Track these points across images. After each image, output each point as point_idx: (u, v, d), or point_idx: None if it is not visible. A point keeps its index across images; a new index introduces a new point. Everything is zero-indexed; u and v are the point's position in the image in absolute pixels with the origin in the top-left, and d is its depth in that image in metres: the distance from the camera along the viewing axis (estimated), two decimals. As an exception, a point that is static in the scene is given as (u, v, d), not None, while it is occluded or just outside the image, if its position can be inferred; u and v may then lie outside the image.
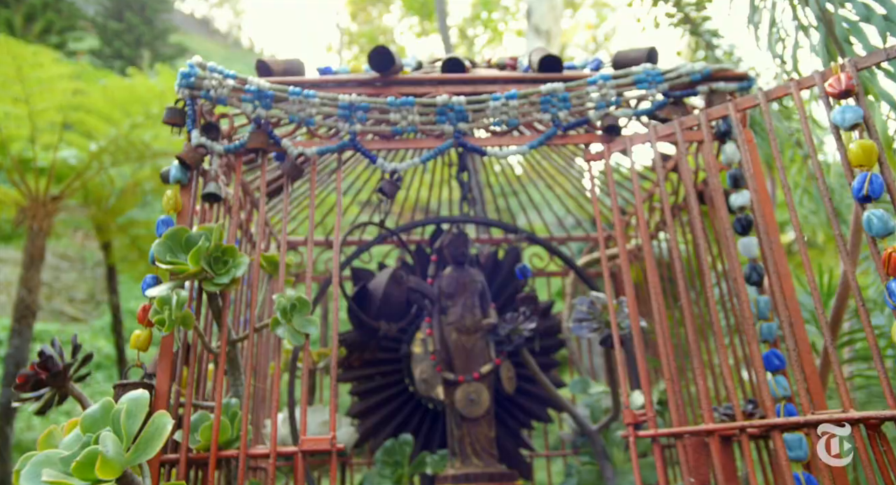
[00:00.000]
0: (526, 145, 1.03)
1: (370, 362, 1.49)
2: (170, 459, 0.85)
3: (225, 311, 0.92)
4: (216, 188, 0.98)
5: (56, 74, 5.50)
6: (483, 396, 1.32)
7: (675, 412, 0.85)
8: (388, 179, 1.01)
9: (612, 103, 1.05)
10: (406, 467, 1.36)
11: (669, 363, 0.88)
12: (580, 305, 1.15)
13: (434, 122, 1.03)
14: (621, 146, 1.01)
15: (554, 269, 1.80)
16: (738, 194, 0.98)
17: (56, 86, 5.45)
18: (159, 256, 0.89)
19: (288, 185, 1.01)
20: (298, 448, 0.85)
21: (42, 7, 12.01)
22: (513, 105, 1.03)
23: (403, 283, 1.23)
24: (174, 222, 0.96)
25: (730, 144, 1.00)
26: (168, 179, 0.98)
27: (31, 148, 5.48)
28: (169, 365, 0.89)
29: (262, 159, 1.02)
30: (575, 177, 1.80)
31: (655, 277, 0.94)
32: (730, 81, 1.05)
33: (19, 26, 11.37)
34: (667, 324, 0.92)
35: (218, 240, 0.91)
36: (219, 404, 0.87)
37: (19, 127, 5.40)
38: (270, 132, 1.01)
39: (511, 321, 1.28)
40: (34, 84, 5.39)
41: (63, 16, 12.40)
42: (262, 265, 0.98)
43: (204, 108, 1.02)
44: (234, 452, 0.86)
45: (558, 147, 1.61)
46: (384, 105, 1.02)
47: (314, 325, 0.91)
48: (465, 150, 1.03)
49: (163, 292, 0.85)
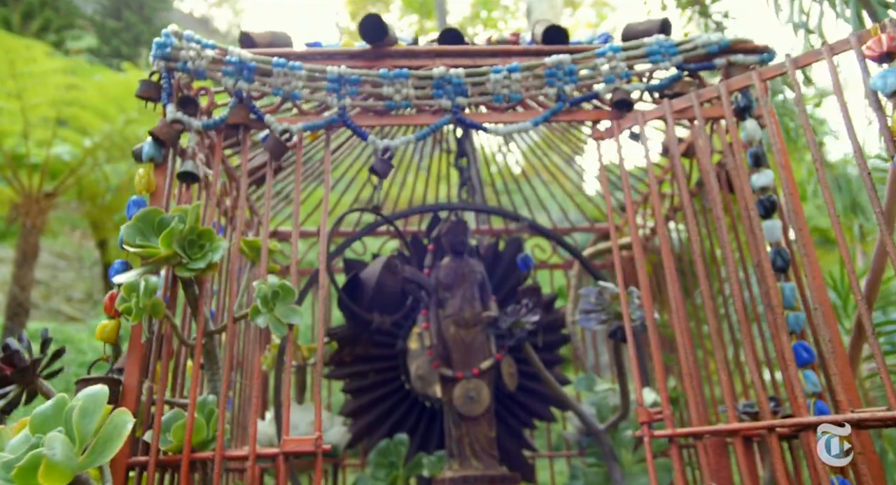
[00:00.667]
0: (529, 121, 0.95)
1: (364, 358, 1.41)
2: (139, 461, 0.77)
3: (201, 299, 0.85)
4: (193, 167, 0.90)
5: (49, 69, 5.42)
6: (483, 393, 1.24)
7: (694, 410, 0.78)
8: (380, 158, 0.94)
9: (623, 77, 0.97)
10: (401, 469, 1.28)
11: (687, 357, 0.80)
12: (587, 295, 1.07)
13: (430, 96, 0.96)
14: (632, 122, 0.94)
15: (557, 261, 1.72)
16: (759, 174, 0.91)
17: (49, 80, 5.37)
18: (128, 239, 0.81)
19: (271, 163, 0.93)
20: (280, 450, 0.78)
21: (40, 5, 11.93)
22: (515, 78, 0.96)
23: (398, 272, 1.16)
24: (147, 204, 0.88)
25: (750, 120, 0.93)
26: (141, 157, 0.90)
27: (24, 144, 5.40)
28: (138, 359, 0.81)
29: (244, 136, 0.94)
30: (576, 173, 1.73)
31: (671, 264, 0.86)
32: (749, 54, 0.97)
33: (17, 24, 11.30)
34: (684, 314, 0.84)
35: (194, 222, 0.83)
36: (193, 400, 0.79)
37: (12, 122, 5.32)
38: (253, 107, 0.93)
39: (513, 314, 1.20)
40: (27, 79, 5.31)
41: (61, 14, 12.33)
42: (242, 250, 0.90)
43: (182, 82, 0.95)
44: (210, 454, 0.78)
45: (563, 136, 1.54)
46: (376, 78, 0.95)
47: (299, 314, 0.83)
48: (464, 126, 0.95)
49: (131, 278, 0.77)
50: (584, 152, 1.62)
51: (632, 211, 0.91)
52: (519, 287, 1.31)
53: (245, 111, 0.93)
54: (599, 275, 1.34)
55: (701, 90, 0.87)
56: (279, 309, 0.82)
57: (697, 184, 1.17)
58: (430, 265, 1.33)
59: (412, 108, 0.96)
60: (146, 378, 0.85)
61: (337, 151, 1.51)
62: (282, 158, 0.94)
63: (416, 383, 1.29)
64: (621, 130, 0.94)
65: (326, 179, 0.92)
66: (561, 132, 1.53)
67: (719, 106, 0.96)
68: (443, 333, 1.26)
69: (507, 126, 0.96)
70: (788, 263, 0.85)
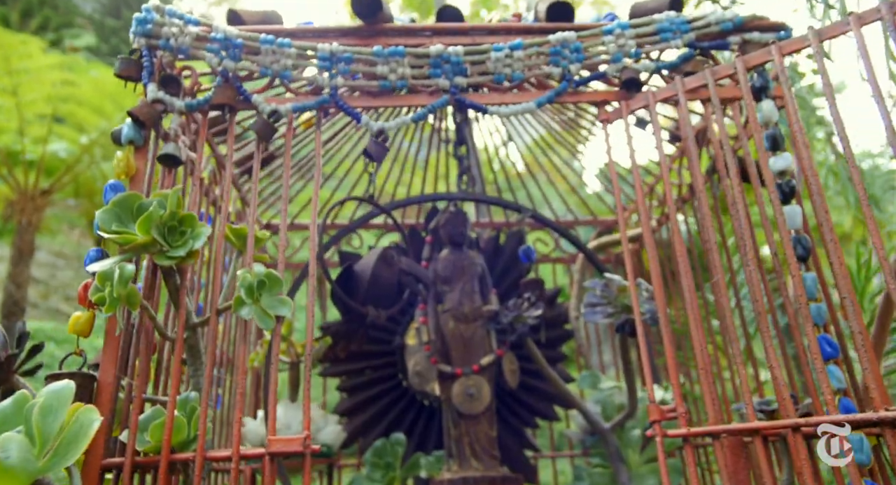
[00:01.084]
0: (533, 102, 0.90)
1: (360, 355, 1.36)
2: (114, 463, 0.72)
3: (182, 290, 0.79)
4: (175, 150, 0.85)
5: (45, 65, 5.36)
6: (483, 390, 1.18)
7: (710, 407, 0.72)
8: (374, 140, 0.88)
9: (632, 56, 0.92)
10: (398, 470, 1.23)
11: (703, 351, 0.75)
12: (593, 287, 1.02)
13: (427, 76, 0.90)
14: (642, 103, 0.88)
15: (560, 255, 1.66)
16: (777, 158, 0.85)
17: (45, 77, 5.32)
18: (104, 224, 0.75)
19: (259, 147, 0.88)
20: (266, 450, 0.72)
21: (39, 4, 11.87)
22: (518, 57, 0.90)
23: (394, 264, 1.10)
24: (125, 188, 0.83)
25: (766, 101, 0.87)
26: (120, 140, 0.85)
27: (19, 141, 5.34)
28: (115, 353, 0.76)
29: (231, 118, 0.89)
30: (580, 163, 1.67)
31: (684, 252, 0.81)
32: (765, 32, 0.92)
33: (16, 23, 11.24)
34: (697, 306, 0.79)
35: (175, 207, 0.77)
36: (173, 397, 0.74)
37: (7, 119, 5.26)
38: (240, 87, 0.88)
39: (514, 308, 1.15)
40: (22, 75, 5.25)
41: (60, 12, 12.27)
42: (228, 239, 0.85)
43: (164, 60, 0.89)
44: (191, 454, 0.73)
45: (569, 124, 1.48)
46: (370, 56, 0.89)
47: (287, 306, 0.78)
48: (464, 107, 0.90)
49: (105, 267, 0.72)
50: (588, 140, 1.57)
51: (641, 196, 0.85)
52: (521, 280, 1.26)
53: (231, 91, 0.87)
54: (604, 268, 1.28)
55: (716, 67, 0.82)
56: (265, 300, 0.77)
57: (707, 172, 1.12)
58: (427, 257, 1.28)
59: (409, 88, 0.90)
60: (125, 374, 0.80)
61: (331, 142, 1.46)
62: (270, 140, 0.89)
63: (414, 380, 1.24)
64: (630, 112, 0.89)
65: (318, 162, 0.86)
66: (563, 121, 1.47)
67: (734, 88, 0.91)
68: (441, 328, 1.20)
69: (509, 107, 0.91)
70: (809, 252, 0.79)
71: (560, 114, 1.46)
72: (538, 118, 1.50)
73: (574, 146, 1.55)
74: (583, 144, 1.56)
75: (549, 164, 1.63)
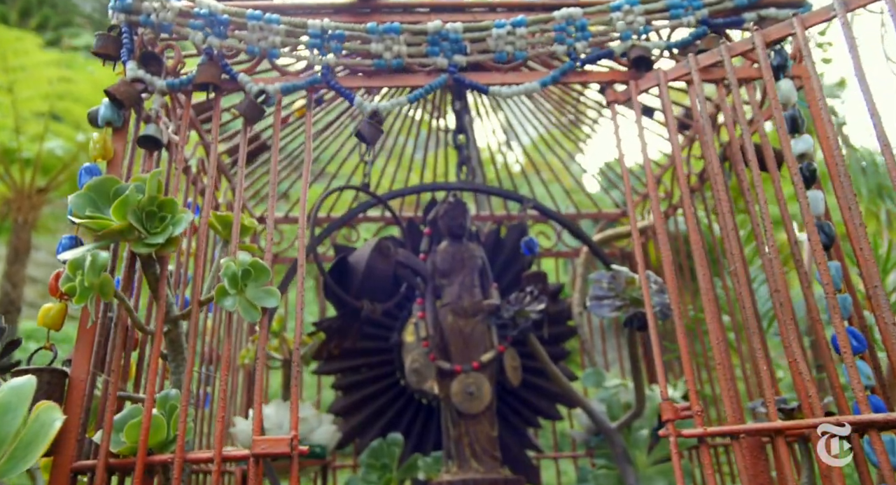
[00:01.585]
0: (536, 82, 0.85)
1: (356, 352, 1.31)
2: (86, 466, 0.66)
3: (162, 280, 0.74)
4: (156, 131, 0.80)
5: (41, 62, 5.31)
6: (483, 388, 1.13)
7: (729, 406, 0.67)
8: (367, 121, 0.83)
9: (640, 33, 0.87)
10: (395, 472, 1.18)
11: (720, 346, 0.70)
12: (599, 280, 0.97)
13: (425, 54, 0.85)
14: (652, 82, 0.83)
15: (563, 249, 1.61)
16: (797, 140, 0.80)
17: (41, 73, 5.26)
18: (77, 210, 0.70)
19: (245, 129, 0.83)
20: (251, 451, 0.67)
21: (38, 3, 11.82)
22: (520, 34, 0.85)
23: (390, 256, 1.05)
24: (102, 173, 0.78)
25: (785, 80, 0.82)
26: (97, 121, 0.79)
27: (15, 138, 5.29)
28: (88, 348, 0.71)
29: (217, 98, 0.84)
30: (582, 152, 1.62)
31: (699, 242, 0.76)
32: (783, 7, 0.87)
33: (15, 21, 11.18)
34: (714, 299, 0.73)
35: (154, 191, 0.72)
36: (150, 395, 0.69)
37: (3, 116, 5.21)
38: (225, 65, 0.83)
39: (517, 302, 1.10)
40: (18, 72, 5.20)
41: (59, 11, 12.22)
42: (213, 226, 0.80)
43: (145, 38, 0.84)
44: (169, 456, 0.67)
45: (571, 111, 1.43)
46: (364, 33, 0.84)
47: (275, 297, 0.73)
48: (463, 87, 0.85)
49: (77, 254, 0.67)
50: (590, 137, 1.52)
51: (652, 182, 0.80)
52: (523, 273, 1.21)
53: (216, 69, 0.82)
54: (610, 262, 1.23)
55: (731, 43, 0.77)
56: (251, 291, 0.72)
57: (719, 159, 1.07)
58: (426, 250, 1.23)
59: (405, 67, 0.85)
60: (102, 371, 0.74)
61: (326, 131, 1.41)
62: (257, 121, 0.84)
63: (411, 378, 1.19)
64: (639, 92, 0.84)
65: (308, 146, 0.81)
66: (567, 109, 1.42)
67: (749, 68, 0.85)
68: (440, 323, 1.15)
69: (511, 87, 0.85)
70: (833, 239, 0.74)
71: (562, 106, 1.41)
72: (539, 115, 1.45)
73: (578, 136, 1.50)
74: (583, 142, 1.51)
75: (554, 152, 1.58)
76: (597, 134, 1.52)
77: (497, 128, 1.54)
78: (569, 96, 1.37)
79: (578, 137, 1.51)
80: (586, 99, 1.36)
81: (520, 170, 1.68)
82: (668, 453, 1.12)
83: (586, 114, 1.45)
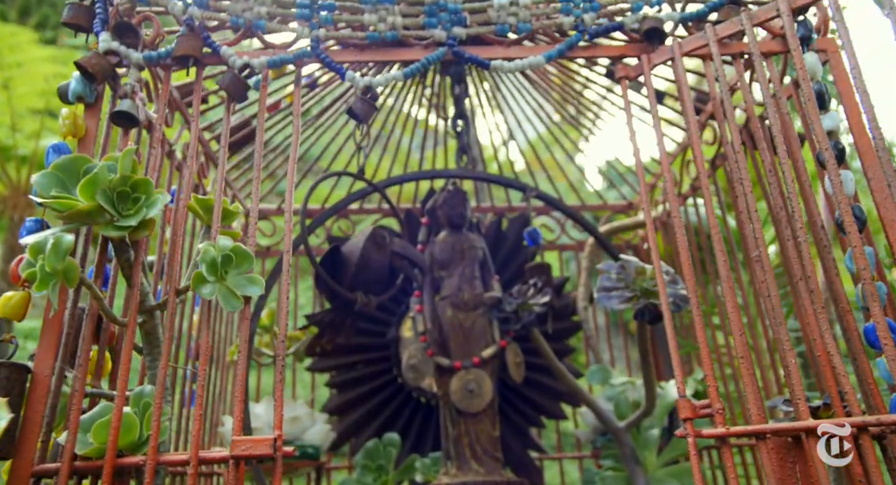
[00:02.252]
0: (541, 56, 0.79)
1: (351, 348, 1.25)
2: (48, 469, 0.61)
3: (137, 267, 0.68)
4: (131, 107, 0.74)
5: (37, 57, 5.26)
6: (484, 386, 1.07)
7: (753, 404, 0.61)
8: (361, 98, 0.77)
9: (653, 4, 0.81)
10: (391, 473, 1.12)
11: (742, 339, 0.64)
12: (608, 270, 0.91)
13: (422, 26, 0.79)
14: (666, 55, 0.77)
15: (566, 241, 1.55)
16: (823, 117, 0.74)
17: (37, 70, 5.21)
18: (42, 189, 0.64)
19: (229, 105, 0.77)
20: (230, 453, 0.61)
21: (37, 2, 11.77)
22: (524, 4, 0.79)
23: (386, 245, 0.99)
24: (72, 152, 0.72)
25: (809, 53, 0.76)
26: (67, 96, 0.74)
27: (11, 135, 5.24)
28: (54, 340, 0.65)
29: (198, 73, 0.78)
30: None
31: (716, 226, 0.70)
32: (806, -25, 0.81)
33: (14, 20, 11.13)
34: (733, 287, 0.68)
35: (128, 170, 0.66)
36: (122, 391, 0.63)
37: None
38: (207, 37, 0.77)
39: (519, 295, 1.04)
40: (13, 68, 5.15)
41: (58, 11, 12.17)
42: (193, 210, 0.74)
43: (120, 8, 0.78)
44: (141, 458, 0.62)
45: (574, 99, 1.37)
46: (356, 3, 0.78)
47: (258, 285, 0.67)
48: (463, 61, 0.79)
49: (39, 238, 0.61)
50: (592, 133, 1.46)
51: (666, 163, 0.74)
52: (526, 265, 1.15)
53: (197, 41, 0.76)
54: (617, 254, 1.17)
55: (753, 10, 0.71)
56: (232, 278, 0.66)
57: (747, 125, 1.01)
58: (424, 240, 1.17)
59: (400, 41, 0.79)
60: (72, 366, 0.69)
61: (319, 122, 1.35)
62: (241, 99, 0.78)
63: (408, 375, 1.13)
64: (652, 66, 0.78)
65: (296, 123, 0.75)
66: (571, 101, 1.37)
67: (770, 41, 0.79)
68: (438, 316, 1.09)
69: (513, 62, 0.80)
70: (864, 223, 0.68)
71: (565, 90, 1.35)
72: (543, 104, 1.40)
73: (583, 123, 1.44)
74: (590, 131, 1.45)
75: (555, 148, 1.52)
76: (600, 130, 1.46)
77: (501, 122, 1.49)
78: (573, 80, 1.31)
79: (583, 126, 1.45)
80: (592, 83, 1.30)
81: (523, 165, 1.62)
82: (679, 453, 1.06)
83: (588, 108, 1.40)
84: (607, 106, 1.39)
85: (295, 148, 0.75)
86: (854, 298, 0.68)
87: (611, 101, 1.36)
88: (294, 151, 0.75)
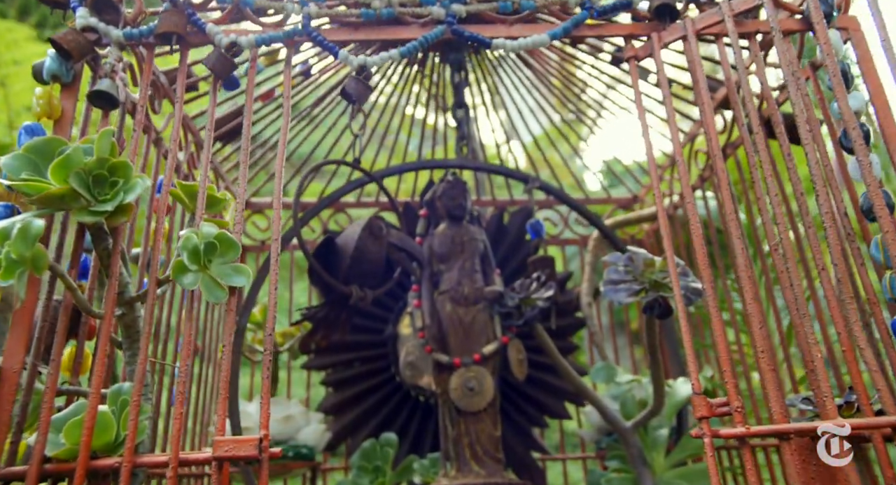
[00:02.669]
0: (546, 34, 0.75)
1: (348, 346, 1.21)
2: (15, 472, 0.56)
3: (115, 255, 0.64)
4: (110, 87, 0.69)
5: (33, 54, 5.20)
6: (485, 384, 1.03)
7: (775, 401, 0.57)
8: (355, 78, 0.73)
9: (664, -20, 0.77)
10: (388, 475, 1.08)
11: (761, 330, 0.60)
12: (615, 262, 0.87)
13: (419, 3, 0.75)
14: (678, 33, 0.73)
15: (570, 236, 1.51)
16: (848, 96, 0.70)
17: (34, 66, 5.17)
18: (12, 172, 0.60)
19: (215, 86, 0.73)
20: (212, 454, 0.57)
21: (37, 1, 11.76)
22: (528, -20, 0.75)
23: (382, 236, 0.95)
24: (46, 134, 0.68)
25: (831, 31, 0.72)
26: (42, 76, 0.69)
27: (7, 133, 5.20)
28: (24, 334, 0.61)
29: (183, 52, 0.74)
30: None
31: (733, 211, 0.66)
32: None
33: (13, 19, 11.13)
34: (751, 279, 0.63)
35: (105, 153, 0.62)
36: (97, 388, 0.59)
37: (-5, 110, 5.13)
38: (192, 13, 0.73)
39: (522, 289, 1.00)
40: (10, 65, 5.10)
41: (57, 9, 12.16)
42: (177, 197, 0.69)
43: (101, -16, 0.74)
44: (117, 460, 0.57)
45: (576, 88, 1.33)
46: (350, -22, 0.74)
47: (244, 275, 0.63)
48: (463, 39, 0.75)
49: (6, 224, 0.57)
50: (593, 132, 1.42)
51: (679, 148, 0.70)
52: (529, 259, 1.10)
53: (180, 18, 0.72)
54: (623, 247, 1.13)
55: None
56: (216, 267, 0.62)
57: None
58: (422, 233, 1.12)
59: (396, 18, 0.75)
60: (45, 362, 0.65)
61: (319, 106, 1.30)
62: (229, 80, 0.74)
63: (406, 373, 1.09)
64: (663, 45, 0.74)
65: (286, 105, 0.71)
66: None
67: (788, 20, 0.75)
68: (437, 311, 1.05)
69: (517, 41, 0.75)
70: (893, 208, 0.64)
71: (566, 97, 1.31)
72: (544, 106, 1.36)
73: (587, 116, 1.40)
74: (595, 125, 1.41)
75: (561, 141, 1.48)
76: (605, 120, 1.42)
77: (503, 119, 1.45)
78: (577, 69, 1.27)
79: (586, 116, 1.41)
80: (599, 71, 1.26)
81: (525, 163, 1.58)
82: (689, 454, 1.02)
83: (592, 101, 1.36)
84: (613, 97, 1.35)
85: (284, 132, 0.71)
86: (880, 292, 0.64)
87: (611, 99, 1.32)
88: (284, 135, 0.71)
